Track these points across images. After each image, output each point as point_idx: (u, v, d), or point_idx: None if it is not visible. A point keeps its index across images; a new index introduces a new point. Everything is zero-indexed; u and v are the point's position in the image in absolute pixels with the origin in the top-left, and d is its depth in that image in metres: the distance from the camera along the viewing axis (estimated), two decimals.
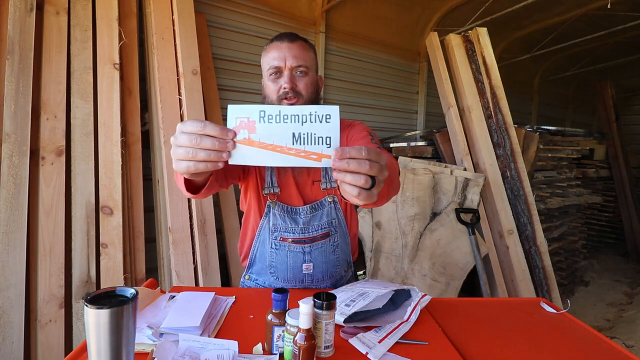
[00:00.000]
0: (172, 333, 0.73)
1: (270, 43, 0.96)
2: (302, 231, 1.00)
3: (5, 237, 1.55)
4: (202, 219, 2.00)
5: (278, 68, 0.92)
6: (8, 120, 1.59)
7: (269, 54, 0.94)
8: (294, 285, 1.03)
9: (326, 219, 1.02)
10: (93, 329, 0.51)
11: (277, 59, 0.91)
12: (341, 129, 0.85)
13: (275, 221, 0.99)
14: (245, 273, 1.09)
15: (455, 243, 2.31)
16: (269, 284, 1.06)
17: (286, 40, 0.92)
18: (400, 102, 4.10)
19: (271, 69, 0.93)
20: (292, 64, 0.91)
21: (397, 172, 0.81)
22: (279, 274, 1.02)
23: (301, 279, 1.01)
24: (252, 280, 1.08)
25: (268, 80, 0.95)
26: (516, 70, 5.13)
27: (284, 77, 0.91)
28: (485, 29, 2.71)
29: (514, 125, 2.62)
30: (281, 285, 1.04)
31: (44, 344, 1.61)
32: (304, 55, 0.93)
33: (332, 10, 3.29)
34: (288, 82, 0.90)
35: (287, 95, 0.90)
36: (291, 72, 0.92)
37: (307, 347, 0.62)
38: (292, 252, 1.00)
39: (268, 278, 1.04)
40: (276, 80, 0.93)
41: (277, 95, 0.92)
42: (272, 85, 0.93)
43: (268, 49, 0.96)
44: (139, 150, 2.02)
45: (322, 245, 1.02)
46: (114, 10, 1.91)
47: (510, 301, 1.11)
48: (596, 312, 3.04)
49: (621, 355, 0.78)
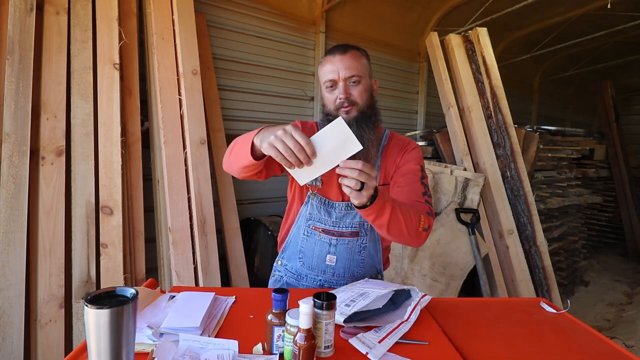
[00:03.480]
0: (172, 333, 0.73)
1: (325, 56, 1.02)
2: (333, 224, 1.06)
3: (5, 237, 1.55)
4: (202, 219, 2.00)
5: (333, 81, 0.98)
6: (8, 120, 1.59)
7: (324, 68, 1.00)
8: (317, 274, 1.09)
9: (359, 219, 1.06)
10: (93, 329, 0.51)
11: (331, 72, 0.98)
12: (397, 146, 1.08)
13: (311, 210, 1.07)
14: (278, 258, 1.17)
15: (455, 243, 2.31)
16: (295, 270, 1.12)
17: (338, 53, 0.98)
18: (400, 102, 4.10)
19: (327, 82, 0.99)
20: (345, 75, 0.97)
21: (409, 213, 0.87)
22: (306, 260, 1.09)
23: (324, 269, 1.08)
24: (283, 266, 1.15)
25: (325, 92, 1.02)
26: (516, 70, 5.13)
27: (339, 89, 0.98)
28: (485, 29, 2.71)
29: (514, 125, 2.62)
30: (306, 272, 1.10)
31: (44, 344, 1.61)
32: (355, 64, 0.98)
33: (332, 10, 3.29)
34: (343, 92, 0.97)
35: (343, 105, 0.97)
36: (345, 83, 0.98)
37: (307, 347, 0.62)
38: (321, 241, 1.07)
39: (296, 264, 1.11)
40: (332, 92, 1.00)
41: (334, 105, 0.99)
42: (329, 96, 1.01)
43: (323, 62, 1.02)
44: (139, 150, 2.02)
45: (348, 242, 1.07)
46: (114, 10, 1.91)
47: (510, 301, 1.11)
48: (596, 312, 3.04)
49: (621, 355, 0.78)
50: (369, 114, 1.00)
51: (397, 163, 1.06)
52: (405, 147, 1.08)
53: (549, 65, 5.76)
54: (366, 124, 0.98)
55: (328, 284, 1.09)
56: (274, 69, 3.03)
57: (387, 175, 1.06)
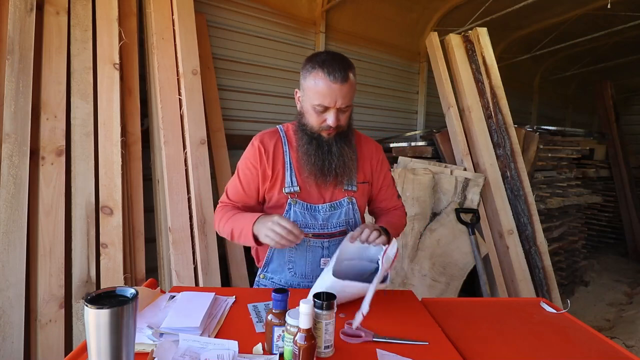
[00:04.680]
0: (172, 333, 0.73)
1: (318, 71, 0.93)
2: (321, 227, 1.06)
3: (5, 237, 1.55)
4: (202, 219, 2.00)
5: (326, 107, 0.95)
6: (8, 120, 1.59)
7: (319, 89, 0.93)
8: (311, 281, 1.06)
9: (344, 217, 1.08)
10: (93, 329, 0.51)
11: (328, 99, 0.93)
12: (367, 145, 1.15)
13: (295, 217, 1.04)
14: (261, 272, 1.12)
15: (455, 243, 2.31)
16: (285, 281, 1.09)
17: (339, 82, 0.92)
18: (400, 102, 4.10)
19: (319, 106, 0.95)
20: (340, 105, 0.94)
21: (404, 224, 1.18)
22: (297, 269, 1.07)
23: (318, 273, 1.06)
24: (268, 279, 1.11)
25: (312, 110, 0.97)
26: (516, 70, 5.13)
27: (331, 116, 0.95)
28: (485, 29, 2.71)
29: (514, 125, 2.62)
30: (299, 281, 1.08)
31: (44, 344, 1.61)
32: (351, 94, 0.96)
33: (332, 10, 3.29)
34: (334, 122, 0.96)
35: (329, 130, 0.98)
36: (337, 111, 0.96)
37: (307, 347, 0.62)
38: (312, 246, 1.06)
39: (285, 275, 1.09)
40: (321, 115, 0.97)
41: (319, 126, 0.98)
42: (316, 117, 0.97)
43: (317, 79, 0.93)
44: (139, 150, 2.02)
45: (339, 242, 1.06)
46: (114, 10, 1.91)
47: (510, 301, 1.11)
48: (596, 312, 3.04)
49: (621, 355, 0.78)
50: (347, 131, 1.04)
51: (373, 164, 1.13)
52: (376, 149, 1.16)
53: (549, 65, 5.76)
54: (344, 142, 1.02)
55: None
56: (274, 69, 3.03)
57: (365, 175, 1.12)
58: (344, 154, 1.01)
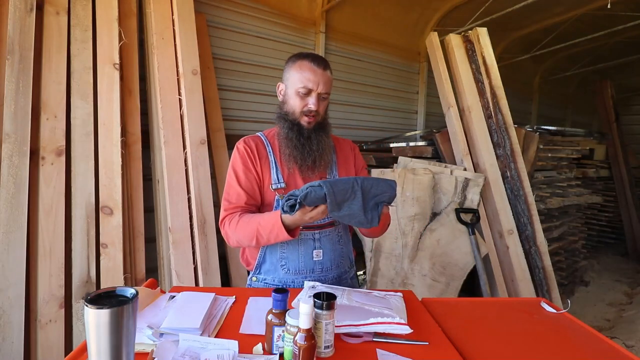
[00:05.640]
0: (172, 333, 0.73)
1: (303, 60, 1.04)
2: None
3: (5, 237, 1.55)
4: (202, 219, 2.00)
5: (309, 90, 1.04)
6: (8, 120, 1.59)
7: (304, 73, 1.03)
8: (305, 276, 1.08)
9: None
10: (93, 329, 0.51)
11: (312, 82, 1.03)
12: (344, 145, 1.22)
13: None
14: (252, 275, 1.12)
15: (455, 243, 2.31)
16: (279, 279, 1.09)
17: (321, 68, 1.04)
18: (400, 102, 4.10)
19: (303, 89, 1.03)
20: (321, 90, 1.04)
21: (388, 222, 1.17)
22: (290, 265, 1.08)
23: (312, 267, 1.09)
24: (260, 281, 1.11)
25: (295, 94, 1.05)
26: (516, 70, 5.12)
27: (313, 99, 1.04)
28: (485, 29, 2.71)
29: (514, 125, 2.62)
30: (292, 278, 1.08)
31: (44, 344, 1.61)
32: (329, 84, 1.07)
33: (332, 10, 3.29)
34: (315, 105, 1.04)
35: (310, 114, 1.06)
36: (318, 96, 1.05)
37: (307, 347, 0.62)
38: (303, 239, 1.08)
39: (278, 274, 1.09)
40: (304, 98, 1.05)
41: (300, 110, 1.06)
42: (299, 102, 1.05)
43: (302, 66, 1.04)
44: (139, 150, 2.02)
45: (329, 234, 1.11)
46: (114, 10, 1.91)
47: (510, 301, 1.11)
48: (596, 312, 3.04)
49: (621, 355, 0.78)
50: (324, 123, 1.12)
51: (354, 162, 1.21)
52: (353, 148, 1.24)
53: (549, 65, 5.75)
54: (323, 131, 1.10)
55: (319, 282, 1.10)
56: (274, 69, 3.02)
57: (348, 171, 1.19)
58: (322, 141, 1.09)
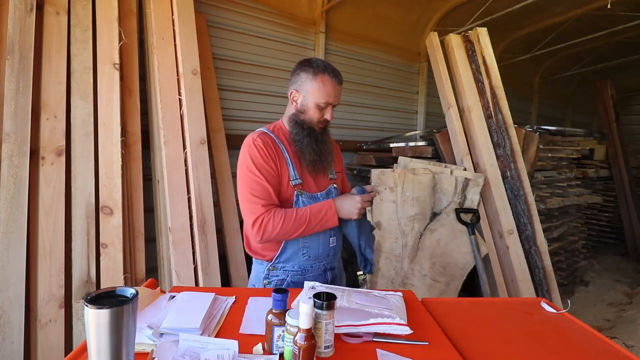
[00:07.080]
0: (172, 333, 0.73)
1: (323, 74, 1.13)
2: None
3: (5, 237, 1.55)
4: (202, 219, 2.00)
5: (330, 105, 1.15)
6: (8, 120, 1.59)
7: (326, 89, 1.13)
8: (321, 261, 1.20)
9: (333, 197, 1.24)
10: (93, 329, 0.51)
11: (333, 97, 1.15)
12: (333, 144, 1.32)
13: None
14: (271, 264, 1.17)
15: (455, 243, 2.31)
16: (299, 266, 1.17)
17: (340, 83, 1.16)
18: (400, 102, 4.10)
19: (324, 104, 1.14)
20: (337, 102, 1.17)
21: None
22: (311, 252, 1.18)
23: (328, 252, 1.22)
24: (281, 269, 1.17)
25: (315, 107, 1.15)
26: (516, 70, 5.12)
27: (329, 112, 1.17)
28: (485, 29, 2.70)
29: (514, 125, 2.62)
30: (311, 263, 1.18)
31: (44, 344, 1.61)
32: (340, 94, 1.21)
33: (332, 10, 3.29)
34: (331, 116, 1.17)
35: (324, 123, 1.19)
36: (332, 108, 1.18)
37: (307, 347, 0.62)
38: None
39: (299, 260, 1.17)
40: (322, 111, 1.16)
41: (318, 120, 1.17)
42: (318, 112, 1.16)
43: (325, 82, 1.13)
44: (139, 150, 2.02)
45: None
46: (114, 10, 1.91)
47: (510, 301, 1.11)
48: (596, 312, 3.04)
49: (621, 355, 0.78)
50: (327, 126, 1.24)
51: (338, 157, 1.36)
52: (336, 144, 1.35)
53: (549, 65, 5.76)
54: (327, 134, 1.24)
55: (330, 265, 1.24)
56: (274, 69, 3.03)
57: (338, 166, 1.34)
58: (330, 144, 1.24)
